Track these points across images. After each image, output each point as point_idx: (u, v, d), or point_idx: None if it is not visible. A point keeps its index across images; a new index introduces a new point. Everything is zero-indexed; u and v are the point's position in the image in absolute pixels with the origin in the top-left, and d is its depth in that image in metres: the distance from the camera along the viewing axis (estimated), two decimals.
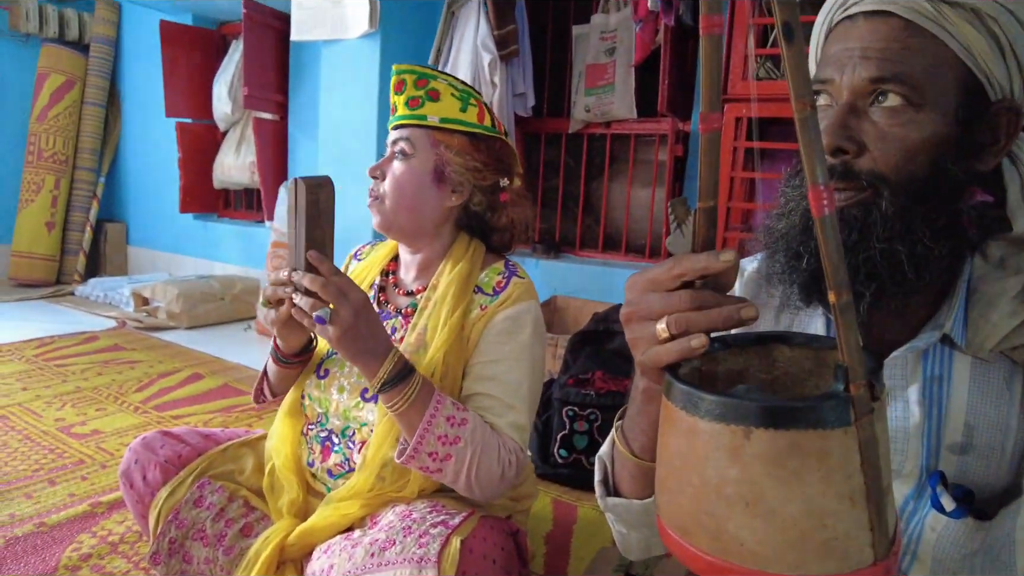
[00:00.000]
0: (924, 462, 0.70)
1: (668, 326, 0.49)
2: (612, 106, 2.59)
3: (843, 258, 0.44)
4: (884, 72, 0.63)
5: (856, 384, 0.44)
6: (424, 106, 1.11)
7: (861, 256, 0.65)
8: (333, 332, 0.93)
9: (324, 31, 2.82)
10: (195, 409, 2.32)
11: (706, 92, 0.48)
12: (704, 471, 0.45)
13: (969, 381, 0.69)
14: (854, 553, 0.44)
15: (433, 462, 0.99)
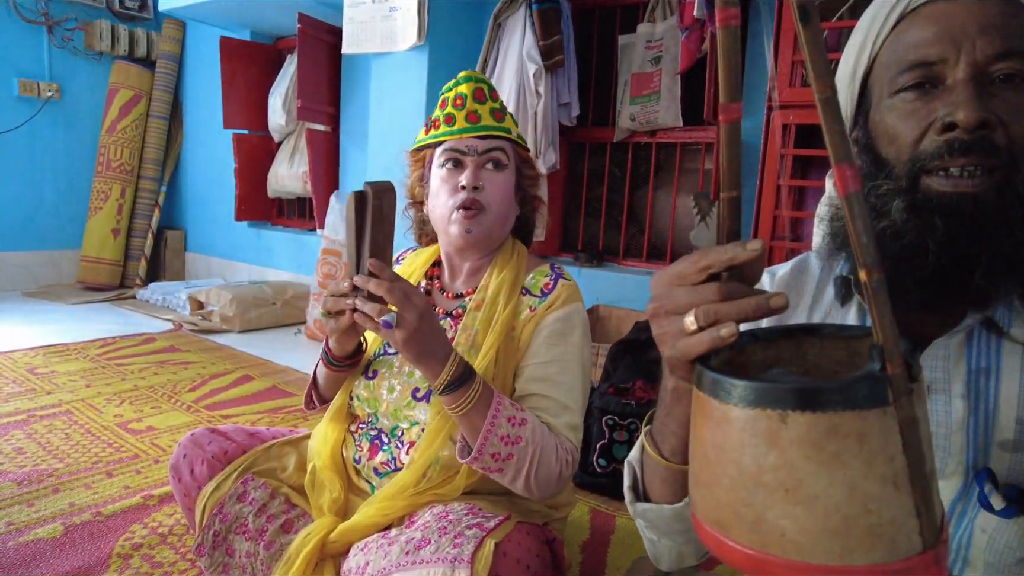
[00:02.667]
0: (970, 459, 0.67)
1: (697, 318, 0.49)
2: (657, 115, 2.57)
3: (872, 235, 0.43)
4: (1008, 45, 0.61)
5: (893, 363, 0.42)
6: (506, 119, 1.16)
7: (1008, 242, 0.62)
8: (400, 335, 0.94)
9: (374, 44, 2.89)
10: (244, 409, 2.40)
11: (725, 83, 0.48)
12: (740, 460, 0.44)
13: (1020, 373, 0.66)
14: (902, 541, 0.42)
15: (495, 462, 0.99)
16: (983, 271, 0.62)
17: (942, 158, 0.62)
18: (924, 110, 0.64)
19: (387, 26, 2.83)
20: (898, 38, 0.67)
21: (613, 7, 2.92)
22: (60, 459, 1.89)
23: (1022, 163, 0.62)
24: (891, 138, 0.67)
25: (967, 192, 0.62)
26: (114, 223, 4.58)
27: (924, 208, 0.64)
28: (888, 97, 0.67)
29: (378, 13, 2.87)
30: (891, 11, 0.67)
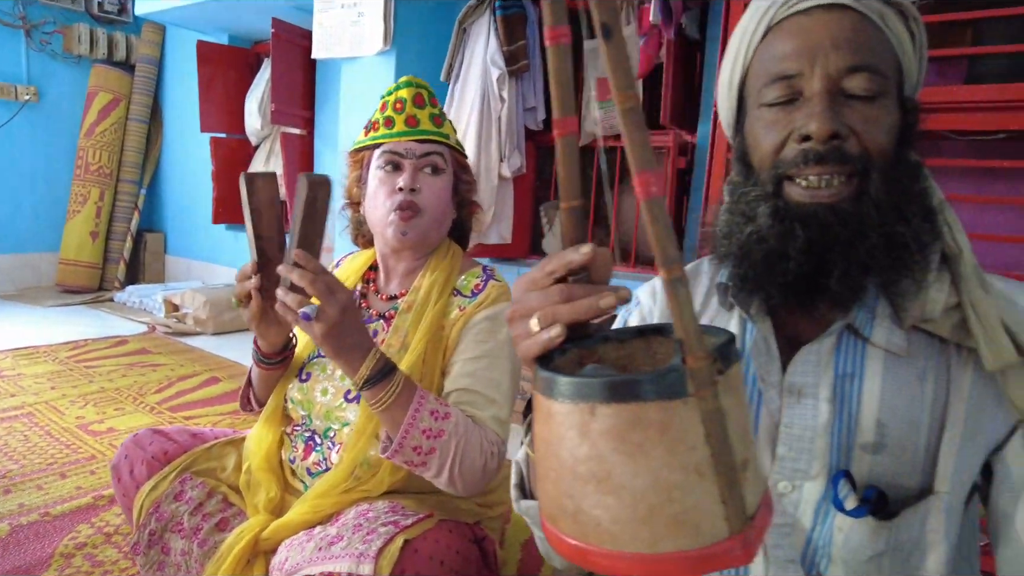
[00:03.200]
0: (834, 461, 0.69)
1: (538, 320, 0.51)
2: None
3: (672, 236, 0.45)
4: (858, 60, 0.65)
5: (694, 356, 0.44)
6: (444, 125, 1.18)
7: (863, 246, 0.65)
8: (319, 328, 0.94)
9: (343, 49, 2.92)
10: (207, 411, 2.42)
11: (557, 99, 0.50)
12: (560, 453, 0.45)
13: (882, 378, 0.68)
14: (707, 527, 0.43)
15: (417, 456, 1.00)
16: (838, 276, 0.65)
17: (799, 166, 0.65)
18: (785, 120, 0.67)
19: (355, 31, 2.86)
20: (765, 50, 0.70)
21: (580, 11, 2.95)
22: (15, 460, 1.90)
23: (874, 170, 0.65)
24: (757, 146, 0.70)
25: (824, 202, 0.65)
26: (92, 226, 4.58)
27: (786, 216, 0.67)
28: (756, 108, 0.70)
29: (347, 18, 2.89)
30: (759, 24, 0.70)
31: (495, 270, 1.23)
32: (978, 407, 0.67)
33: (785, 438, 0.71)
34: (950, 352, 0.68)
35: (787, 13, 0.68)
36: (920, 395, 0.68)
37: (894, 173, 0.66)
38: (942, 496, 0.66)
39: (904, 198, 0.66)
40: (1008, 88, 1.45)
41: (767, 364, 0.73)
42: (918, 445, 0.67)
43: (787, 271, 0.66)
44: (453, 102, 2.69)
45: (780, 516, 0.72)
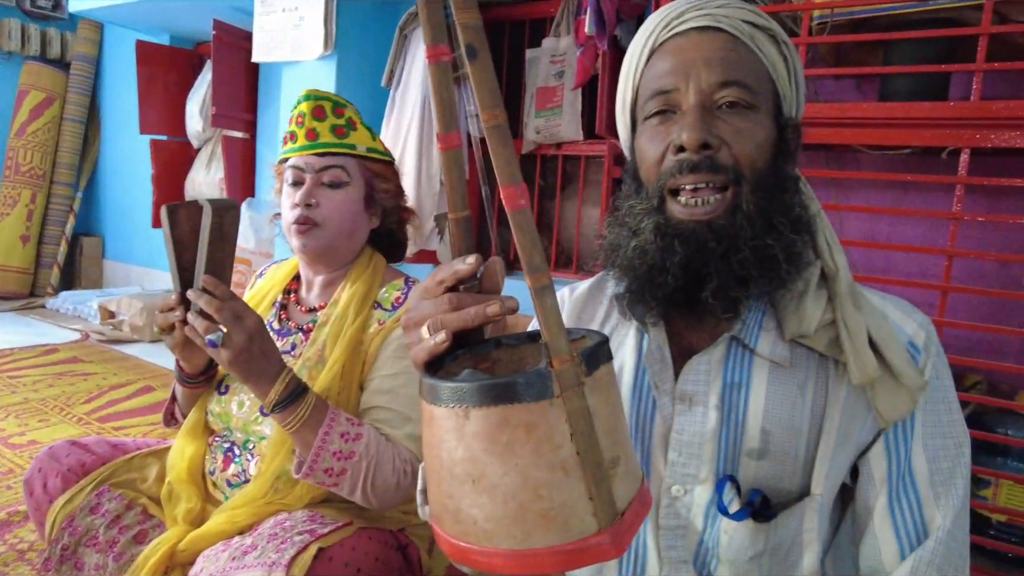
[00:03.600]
0: (721, 467, 0.73)
1: (428, 328, 0.52)
2: (560, 128, 2.64)
3: (538, 246, 0.47)
4: (728, 75, 0.68)
5: (559, 359, 0.45)
6: (350, 135, 1.17)
7: (735, 259, 0.68)
8: (226, 355, 0.95)
9: (284, 52, 2.89)
10: (139, 421, 2.35)
11: (439, 115, 0.52)
12: (440, 455, 0.47)
13: (766, 388, 0.72)
14: (575, 523, 0.45)
15: (329, 477, 1.01)
16: (712, 289, 0.68)
17: (674, 176, 0.69)
18: (664, 133, 0.71)
19: (296, 35, 2.83)
20: (649, 71, 0.74)
21: (523, 21, 2.99)
22: None
23: (745, 182, 0.68)
24: (643, 159, 0.73)
25: (701, 220, 0.68)
26: (23, 229, 4.41)
27: (667, 232, 0.70)
28: (642, 122, 0.74)
29: (288, 22, 2.87)
30: (644, 47, 0.74)
31: (418, 280, 1.24)
32: (850, 415, 0.71)
33: (676, 444, 0.74)
34: (828, 364, 0.72)
35: (667, 35, 0.72)
36: (801, 404, 0.71)
37: (766, 185, 0.69)
38: (817, 498, 0.70)
39: (776, 210, 0.69)
40: (913, 106, 1.53)
41: (661, 372, 0.75)
42: (798, 451, 0.71)
43: (666, 284, 0.70)
44: (394, 108, 2.69)
45: (674, 518, 0.75)
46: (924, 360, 0.72)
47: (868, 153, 1.93)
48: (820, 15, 1.71)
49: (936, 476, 0.70)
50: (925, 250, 1.60)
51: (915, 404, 0.70)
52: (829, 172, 1.96)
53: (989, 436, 1.58)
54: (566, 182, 2.99)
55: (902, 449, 0.71)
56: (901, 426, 0.71)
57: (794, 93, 0.74)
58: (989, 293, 1.53)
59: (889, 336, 0.71)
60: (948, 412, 0.73)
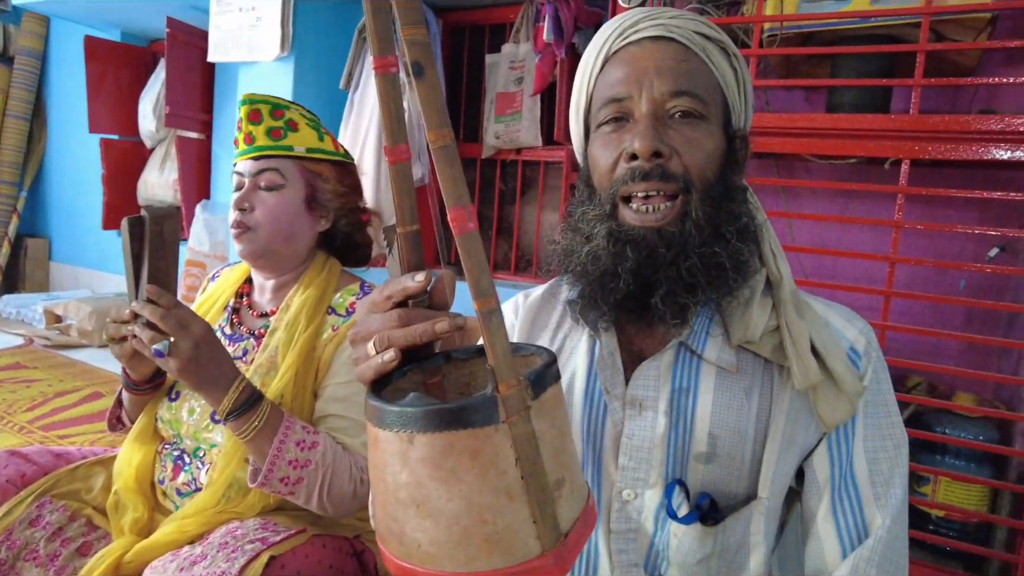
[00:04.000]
0: (670, 471, 0.74)
1: (375, 344, 0.52)
2: (519, 134, 2.66)
3: (485, 269, 0.47)
4: (680, 85, 0.70)
5: (505, 384, 0.45)
6: (288, 136, 1.14)
7: (684, 266, 0.69)
8: (173, 364, 0.94)
9: (240, 53, 2.84)
10: (85, 429, 2.28)
11: (387, 128, 0.51)
12: (385, 478, 0.47)
13: (713, 392, 0.73)
14: (519, 546, 0.45)
15: (285, 486, 1.00)
16: (662, 295, 0.69)
17: (627, 183, 0.70)
18: (617, 140, 0.72)
19: (253, 35, 2.79)
20: (602, 79, 0.75)
21: (483, 26, 3.00)
22: None
23: (695, 190, 0.70)
24: (596, 166, 0.74)
25: (652, 226, 0.70)
26: None
27: (619, 238, 0.71)
28: (595, 130, 0.75)
29: (245, 22, 2.82)
30: (598, 56, 0.75)
31: (374, 285, 1.23)
32: (795, 419, 0.73)
33: (626, 448, 0.75)
34: (773, 369, 0.74)
35: (621, 44, 0.73)
36: (747, 409, 0.73)
37: (715, 194, 0.71)
38: (763, 501, 0.72)
39: (724, 219, 0.71)
40: (857, 118, 1.59)
41: (612, 377, 0.76)
42: (745, 455, 0.73)
43: (618, 290, 0.71)
44: (352, 110, 2.67)
45: (625, 522, 0.76)
46: (865, 365, 0.74)
47: (817, 162, 1.99)
48: (770, 28, 1.76)
49: (876, 477, 0.72)
50: (869, 256, 1.66)
51: (854, 409, 0.72)
52: (780, 180, 2.02)
53: (929, 435, 1.65)
54: (526, 187, 3.01)
55: (844, 452, 0.73)
56: (843, 429, 0.73)
57: (743, 105, 0.76)
58: (929, 298, 1.59)
59: (831, 342, 0.73)
60: (887, 415, 0.75)
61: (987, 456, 1.68)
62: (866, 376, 0.74)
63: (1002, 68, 1.91)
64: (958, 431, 1.67)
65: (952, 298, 1.69)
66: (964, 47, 1.55)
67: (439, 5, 2.93)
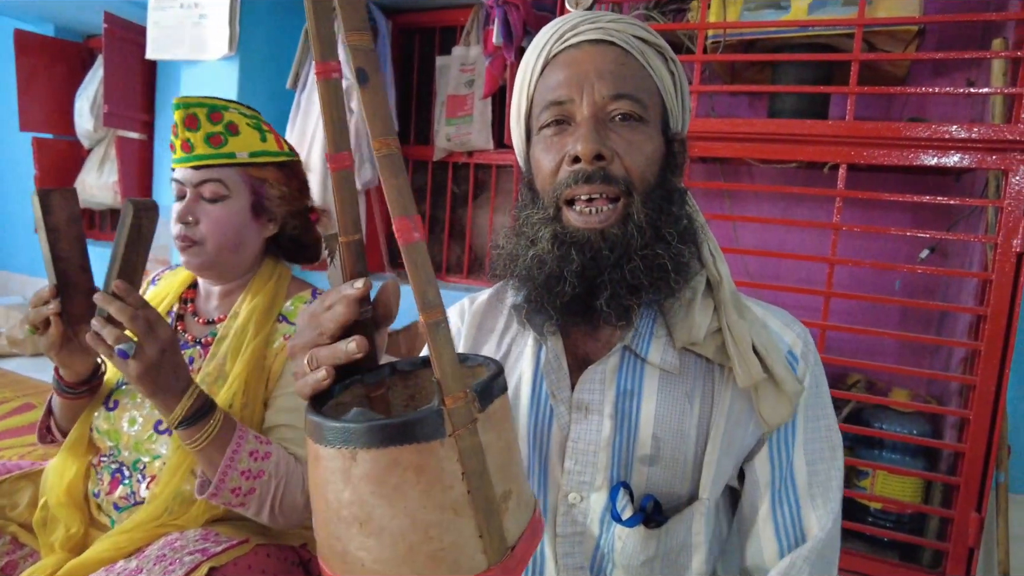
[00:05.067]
0: (615, 474, 0.74)
1: (308, 361, 0.51)
2: (471, 137, 2.66)
3: (432, 281, 0.46)
4: (620, 88, 0.70)
5: (452, 397, 0.45)
6: (229, 142, 1.09)
7: (627, 268, 0.69)
8: (135, 368, 0.89)
9: (182, 51, 2.76)
10: (14, 442, 2.17)
11: (329, 135, 0.49)
12: (327, 496, 0.45)
13: (657, 395, 0.74)
14: (464, 562, 0.44)
15: (236, 497, 0.97)
16: (607, 298, 0.70)
17: (570, 186, 0.70)
18: (559, 143, 0.72)
19: (196, 33, 2.71)
20: (543, 82, 0.74)
21: (433, 28, 2.99)
22: None
23: (636, 193, 0.70)
24: (539, 170, 0.74)
25: (595, 228, 0.70)
26: None
27: (564, 241, 0.71)
28: (537, 133, 0.75)
29: (187, 19, 2.74)
30: (538, 59, 0.75)
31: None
32: (735, 421, 0.74)
33: (572, 452, 0.75)
34: (715, 371, 0.75)
35: (560, 48, 0.73)
36: (689, 411, 0.74)
37: (656, 197, 0.72)
38: (704, 502, 0.73)
39: (665, 220, 0.72)
40: (796, 123, 1.64)
41: (558, 381, 0.77)
42: (687, 456, 0.74)
43: (564, 293, 0.71)
44: (299, 111, 2.63)
45: (572, 525, 0.76)
46: (803, 369, 0.76)
47: (760, 167, 2.04)
48: (714, 35, 1.80)
49: (814, 479, 0.74)
50: (809, 258, 1.71)
51: (794, 410, 0.74)
52: (725, 184, 2.06)
53: (867, 431, 1.71)
54: (478, 190, 3.00)
55: (784, 455, 0.75)
56: (783, 433, 0.75)
57: (680, 109, 0.77)
58: (866, 298, 1.65)
59: (770, 344, 0.75)
60: (826, 418, 0.77)
61: (921, 449, 1.75)
62: (804, 380, 0.75)
63: (930, 78, 2.00)
64: (894, 426, 1.74)
65: (888, 298, 1.75)
66: (894, 57, 1.61)
67: (389, 6, 2.91)
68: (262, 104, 2.79)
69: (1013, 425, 1.83)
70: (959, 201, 1.60)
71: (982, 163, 1.48)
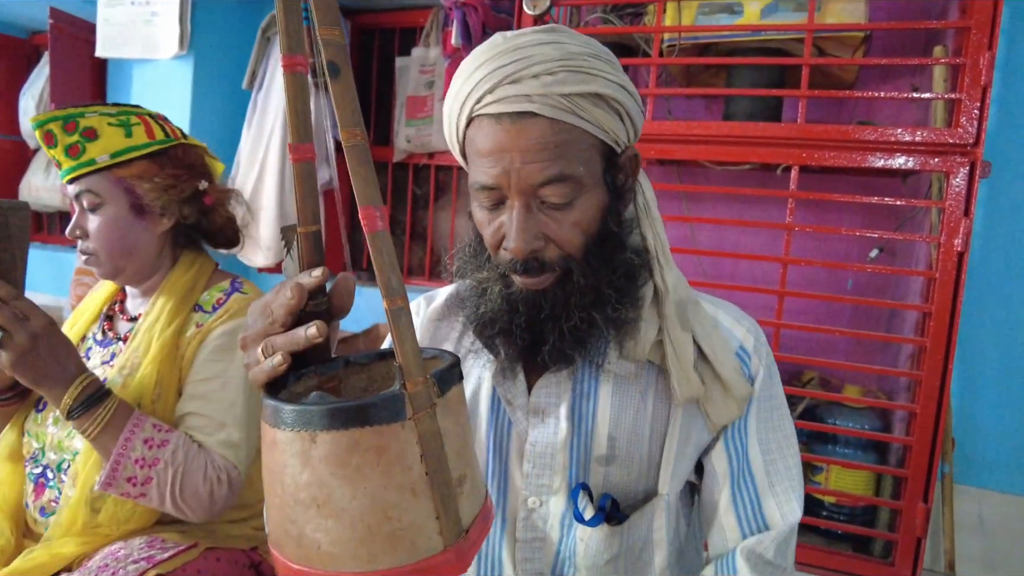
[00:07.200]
0: (573, 475, 0.75)
1: (263, 349, 0.51)
2: (431, 138, 2.64)
3: (395, 268, 0.47)
4: (549, 175, 0.66)
5: (412, 381, 0.46)
6: (87, 150, 1.06)
7: (567, 325, 0.70)
8: (7, 357, 0.90)
9: (134, 50, 2.68)
10: None
11: (292, 126, 0.50)
12: (283, 480, 0.46)
13: (612, 397, 0.75)
14: (422, 542, 0.45)
15: (133, 487, 0.97)
16: (549, 349, 0.71)
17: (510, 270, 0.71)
18: (496, 223, 0.71)
19: (148, 31, 2.64)
20: (470, 142, 0.71)
21: (393, 29, 2.97)
22: None
23: (575, 265, 0.70)
24: (482, 233, 0.74)
25: (539, 289, 0.70)
26: None
27: (511, 298, 0.71)
28: (473, 194, 0.72)
29: (138, 16, 2.67)
30: (460, 111, 0.70)
31: (248, 283, 1.18)
32: (690, 417, 0.76)
33: (530, 455, 0.76)
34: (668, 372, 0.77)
35: (480, 112, 0.68)
36: (643, 410, 0.75)
37: (596, 255, 0.71)
38: (664, 497, 0.75)
39: (605, 277, 0.71)
40: (749, 126, 1.67)
41: (513, 389, 0.77)
42: (643, 454, 0.75)
43: (515, 345, 0.73)
44: (256, 111, 2.58)
45: (531, 531, 0.77)
46: (755, 364, 0.78)
47: (715, 168, 2.08)
48: (670, 38, 1.83)
49: (770, 467, 0.76)
50: (763, 258, 1.75)
51: (742, 411, 0.76)
52: (681, 186, 2.09)
53: (822, 427, 1.75)
54: (440, 191, 2.99)
55: (740, 446, 0.77)
56: (738, 425, 0.77)
57: (627, 130, 0.73)
58: (819, 297, 1.69)
59: (720, 345, 0.76)
60: (779, 408, 0.79)
61: (872, 444, 1.80)
62: (757, 374, 0.77)
63: (877, 83, 2.06)
64: (847, 422, 1.78)
65: (840, 297, 1.80)
66: (843, 62, 1.66)
67: (348, 7, 2.88)
68: (217, 104, 2.74)
69: (957, 418, 1.90)
70: (905, 202, 1.65)
71: (925, 165, 1.53)
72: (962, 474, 1.89)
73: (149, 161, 1.10)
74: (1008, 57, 1.83)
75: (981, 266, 1.89)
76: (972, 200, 1.48)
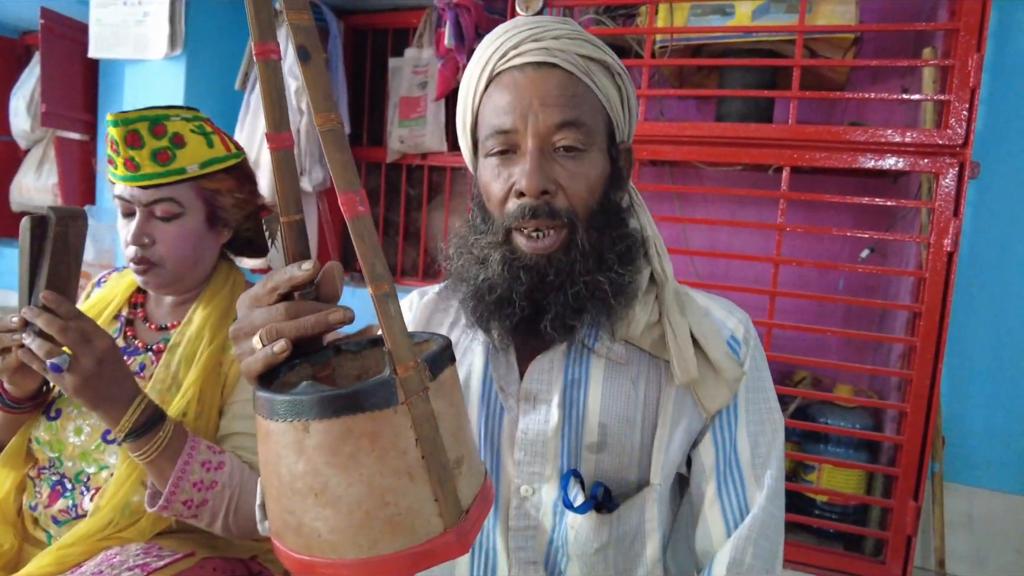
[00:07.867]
0: (564, 463, 0.75)
1: (261, 338, 0.50)
2: (424, 139, 2.64)
3: (379, 253, 0.47)
4: (564, 116, 0.70)
5: (403, 366, 0.46)
6: (177, 157, 1.03)
7: (571, 292, 0.71)
8: (71, 381, 0.85)
9: (126, 50, 2.67)
10: None
11: (269, 114, 0.50)
12: (279, 471, 0.46)
13: (602, 383, 0.76)
14: (421, 525, 0.45)
15: (188, 509, 0.94)
16: (551, 319, 0.72)
17: (518, 219, 0.71)
18: (506, 173, 0.73)
19: (140, 32, 2.63)
20: (487, 101, 0.74)
21: (386, 30, 2.97)
22: None
23: (580, 223, 0.72)
24: (488, 195, 0.75)
25: (542, 253, 0.72)
26: None
27: (513, 264, 0.72)
28: (484, 156, 0.75)
29: (131, 17, 2.66)
30: (481, 75, 0.74)
31: None
32: (681, 405, 0.76)
33: (521, 443, 0.76)
34: (660, 360, 0.77)
35: (504, 67, 0.73)
36: (634, 397, 0.76)
37: (598, 222, 0.74)
38: (656, 487, 0.75)
39: (607, 244, 0.74)
40: (741, 127, 1.68)
41: (506, 375, 0.78)
42: (634, 443, 0.75)
43: (513, 314, 0.73)
44: (248, 112, 2.58)
45: (524, 519, 0.77)
46: (744, 352, 0.79)
47: (707, 169, 2.09)
48: (662, 39, 1.84)
49: (757, 459, 0.77)
50: (755, 258, 1.75)
51: (732, 394, 0.76)
52: (674, 187, 2.10)
53: (813, 426, 1.76)
54: (433, 192, 2.99)
55: (728, 438, 0.77)
56: (726, 416, 0.77)
57: (626, 120, 0.78)
58: (811, 297, 1.70)
59: (711, 332, 0.77)
60: (766, 400, 0.80)
61: (863, 443, 1.81)
62: (746, 363, 0.78)
63: (868, 84, 2.07)
64: (839, 421, 1.79)
65: (832, 296, 1.81)
66: (833, 64, 1.67)
67: (341, 8, 2.88)
68: (210, 105, 2.73)
69: (947, 416, 1.91)
70: (895, 203, 1.66)
71: (915, 166, 1.54)
72: (952, 472, 1.90)
73: (226, 174, 1.09)
74: (997, 59, 1.85)
75: (970, 266, 1.90)
76: (961, 201, 1.50)
